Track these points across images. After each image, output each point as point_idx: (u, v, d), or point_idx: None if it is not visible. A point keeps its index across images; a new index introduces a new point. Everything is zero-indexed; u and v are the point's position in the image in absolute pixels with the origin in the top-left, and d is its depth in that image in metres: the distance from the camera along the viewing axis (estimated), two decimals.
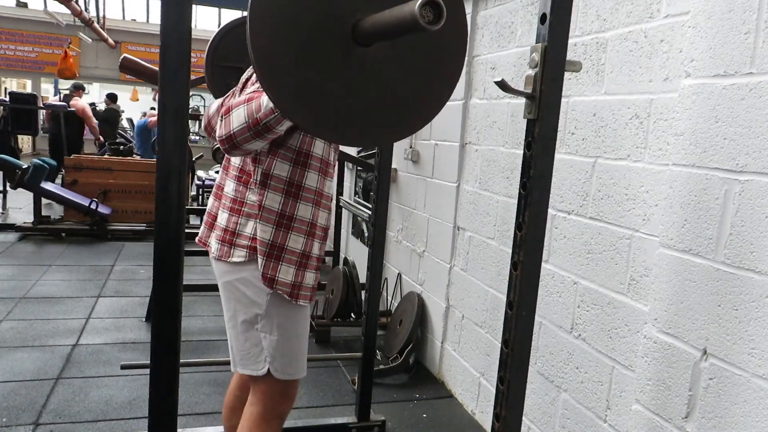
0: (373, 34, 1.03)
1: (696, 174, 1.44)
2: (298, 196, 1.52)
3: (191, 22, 1.21)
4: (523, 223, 1.23)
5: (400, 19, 0.91)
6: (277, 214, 1.50)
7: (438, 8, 0.86)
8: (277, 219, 1.50)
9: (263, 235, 1.49)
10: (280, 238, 1.50)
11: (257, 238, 1.49)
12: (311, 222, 1.55)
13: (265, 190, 1.49)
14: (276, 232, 1.49)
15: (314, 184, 1.55)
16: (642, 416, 1.60)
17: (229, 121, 1.36)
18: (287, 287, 1.51)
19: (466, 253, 2.83)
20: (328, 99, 1.08)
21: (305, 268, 1.55)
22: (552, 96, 1.19)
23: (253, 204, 1.52)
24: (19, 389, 2.68)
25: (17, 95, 8.80)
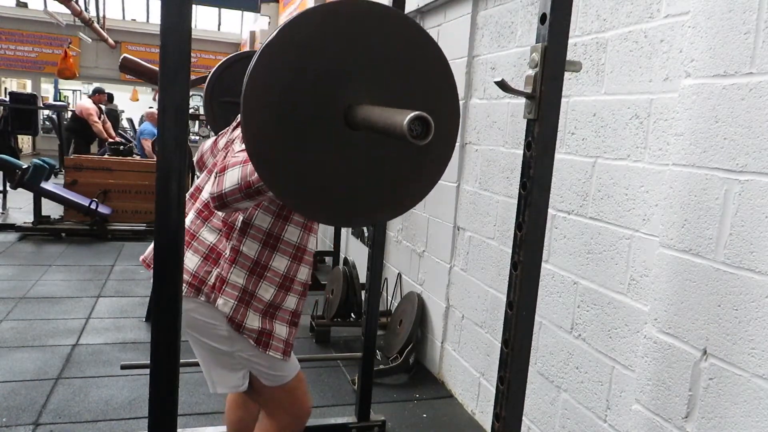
0: (363, 125, 1.03)
1: (696, 174, 1.44)
2: (276, 248, 1.51)
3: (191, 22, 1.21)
4: (523, 223, 1.23)
5: (389, 126, 0.92)
6: (253, 261, 1.48)
7: (426, 124, 0.86)
8: (251, 266, 1.48)
9: (236, 279, 1.47)
10: (252, 285, 1.48)
11: (230, 282, 1.46)
12: (285, 275, 1.52)
13: (244, 236, 1.48)
14: (248, 277, 1.48)
15: (295, 239, 1.52)
16: (642, 416, 1.60)
17: (222, 180, 1.36)
18: (254, 333, 1.48)
19: (466, 253, 2.83)
20: (318, 180, 1.10)
21: (273, 318, 1.52)
22: (552, 96, 1.19)
23: (203, 241, 1.50)
24: (19, 389, 2.68)
25: (17, 95, 8.82)
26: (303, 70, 1.04)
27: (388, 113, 0.94)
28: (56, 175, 8.10)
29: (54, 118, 10.45)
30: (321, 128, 1.07)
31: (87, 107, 8.89)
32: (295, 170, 1.08)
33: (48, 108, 10.73)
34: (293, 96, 1.04)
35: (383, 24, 1.09)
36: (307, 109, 1.05)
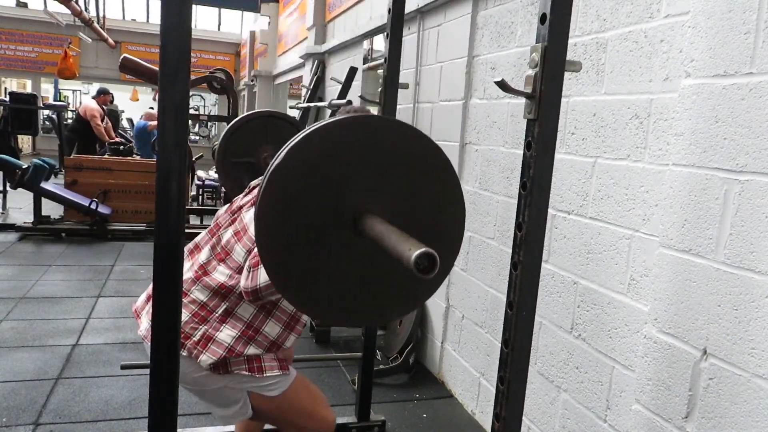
0: (371, 238, 1.07)
1: (696, 174, 1.44)
2: (271, 314, 1.54)
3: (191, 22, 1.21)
4: (523, 223, 1.23)
5: (397, 253, 0.94)
6: (245, 323, 1.51)
7: (432, 260, 0.88)
8: (243, 328, 1.51)
9: (224, 339, 1.49)
10: (239, 346, 1.50)
11: (216, 340, 1.49)
12: (274, 341, 1.56)
13: (241, 300, 1.51)
14: (237, 339, 1.50)
15: (291, 307, 1.55)
16: (642, 416, 1.60)
17: (256, 275, 1.40)
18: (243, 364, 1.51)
19: (466, 253, 2.83)
20: (326, 284, 1.15)
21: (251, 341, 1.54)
22: (552, 96, 1.19)
23: (194, 299, 1.53)
24: (19, 389, 2.68)
25: (17, 95, 8.81)
26: (314, 182, 1.09)
27: (396, 239, 0.97)
28: (56, 175, 8.09)
29: (54, 118, 10.44)
30: (330, 235, 1.12)
31: (91, 108, 8.88)
32: (304, 274, 1.13)
33: (48, 108, 10.73)
34: (305, 206, 1.10)
35: (391, 135, 1.15)
36: (317, 216, 1.11)
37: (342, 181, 1.10)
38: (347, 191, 1.10)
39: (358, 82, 4.58)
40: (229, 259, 1.55)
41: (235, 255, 1.53)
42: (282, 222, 1.09)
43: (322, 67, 6.06)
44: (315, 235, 1.10)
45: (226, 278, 1.52)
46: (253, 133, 2.45)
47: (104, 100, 9.28)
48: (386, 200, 1.12)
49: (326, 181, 1.09)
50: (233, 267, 1.53)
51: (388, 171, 1.14)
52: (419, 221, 1.16)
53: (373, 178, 1.13)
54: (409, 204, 1.16)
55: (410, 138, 1.16)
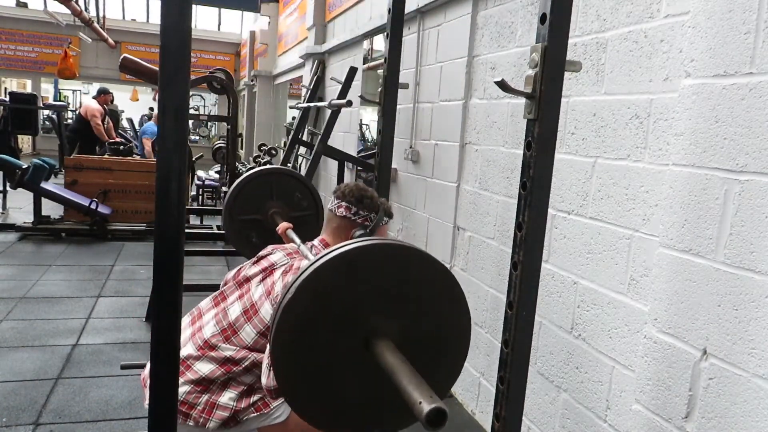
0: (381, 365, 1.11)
1: (696, 174, 1.44)
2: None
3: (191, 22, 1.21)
4: (523, 223, 1.23)
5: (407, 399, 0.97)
6: (248, 386, 1.58)
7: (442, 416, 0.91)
8: (246, 390, 1.58)
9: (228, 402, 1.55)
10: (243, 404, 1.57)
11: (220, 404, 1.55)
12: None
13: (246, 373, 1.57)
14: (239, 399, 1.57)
15: None
16: (642, 416, 1.60)
17: None
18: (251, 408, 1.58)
19: (466, 253, 2.82)
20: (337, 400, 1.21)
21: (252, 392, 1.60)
22: (552, 96, 1.19)
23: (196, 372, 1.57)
24: (19, 389, 2.68)
25: (17, 95, 8.82)
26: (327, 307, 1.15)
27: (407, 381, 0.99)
28: (56, 175, 8.10)
29: (54, 118, 10.45)
30: (342, 355, 1.17)
31: (92, 108, 8.89)
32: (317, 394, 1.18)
33: (48, 108, 10.73)
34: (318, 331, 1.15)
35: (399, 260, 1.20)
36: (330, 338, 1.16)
37: (353, 304, 1.16)
38: (358, 314, 1.16)
39: (358, 82, 4.59)
40: (236, 337, 1.59)
41: (244, 335, 1.58)
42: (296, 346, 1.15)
43: (322, 67, 6.06)
44: (327, 355, 1.16)
45: (233, 352, 1.57)
46: (255, 192, 2.52)
47: (105, 100, 9.28)
48: (397, 320, 1.18)
49: (338, 304, 1.15)
50: (241, 345, 1.58)
51: (397, 293, 1.19)
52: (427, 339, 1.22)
53: (383, 300, 1.18)
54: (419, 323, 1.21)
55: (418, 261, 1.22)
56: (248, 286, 1.67)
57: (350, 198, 1.74)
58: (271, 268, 1.69)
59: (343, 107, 4.09)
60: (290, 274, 1.59)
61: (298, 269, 1.60)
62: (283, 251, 1.76)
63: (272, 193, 2.54)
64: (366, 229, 1.73)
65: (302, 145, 5.40)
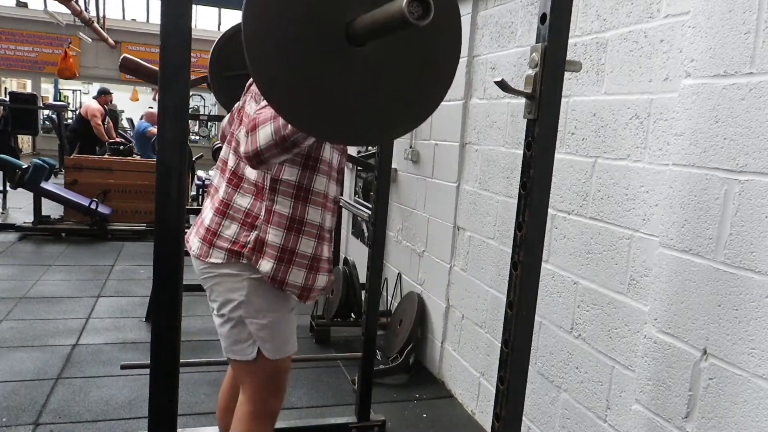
0: (365, 33, 1.03)
1: (696, 174, 1.44)
2: (308, 200, 1.55)
3: (191, 22, 1.21)
4: (523, 223, 1.23)
5: (389, 17, 0.91)
6: (288, 218, 1.52)
7: (425, 4, 0.85)
8: (288, 223, 1.52)
9: (274, 239, 1.51)
10: (291, 242, 1.52)
11: (269, 243, 1.51)
12: (320, 225, 1.58)
13: (275, 194, 1.51)
14: (287, 236, 1.52)
15: (322, 188, 1.57)
16: (642, 416, 1.60)
17: (255, 138, 1.37)
18: (297, 289, 1.54)
19: (466, 253, 2.83)
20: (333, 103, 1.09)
21: (317, 271, 1.58)
22: (552, 96, 1.19)
23: (239, 208, 1.54)
24: (19, 389, 2.68)
25: (17, 95, 8.82)
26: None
27: (385, 7, 0.93)
28: (56, 175, 8.10)
29: (54, 118, 10.45)
30: (325, 48, 1.05)
31: (93, 108, 8.89)
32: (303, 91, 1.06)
33: (48, 108, 10.73)
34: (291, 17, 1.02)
35: None
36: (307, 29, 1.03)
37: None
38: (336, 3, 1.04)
39: None
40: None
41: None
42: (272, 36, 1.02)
43: None
44: (308, 47, 1.04)
45: (255, 175, 1.53)
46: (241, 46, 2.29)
47: (105, 100, 9.29)
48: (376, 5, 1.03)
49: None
50: None
51: None
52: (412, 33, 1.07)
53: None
54: None
55: None
56: (243, 111, 1.63)
57: None
58: None
59: None
60: None
61: None
62: None
63: None
64: None
65: None
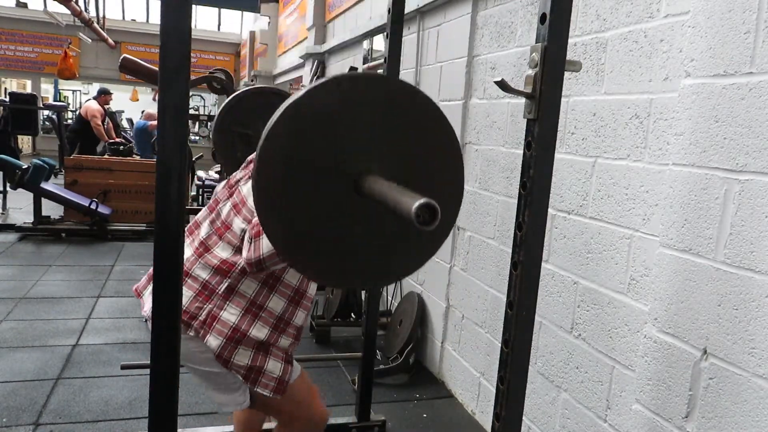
0: (371, 197, 1.06)
1: (696, 174, 1.44)
2: (275, 288, 1.50)
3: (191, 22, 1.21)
4: (523, 223, 1.23)
5: (397, 208, 0.94)
6: (249, 300, 1.48)
7: (433, 212, 0.87)
8: (247, 305, 1.48)
9: (228, 317, 1.46)
10: (245, 325, 1.47)
11: (221, 319, 1.46)
12: (280, 317, 1.52)
13: (243, 276, 1.47)
14: (242, 317, 1.47)
15: (295, 281, 1.52)
16: (642, 416, 1.60)
17: (259, 245, 1.38)
18: (243, 370, 1.48)
19: (466, 253, 2.83)
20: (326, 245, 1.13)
21: (268, 355, 1.51)
22: (552, 96, 1.19)
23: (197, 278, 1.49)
24: (19, 389, 2.68)
25: (17, 95, 8.82)
26: (311, 143, 1.07)
27: (396, 193, 0.95)
28: (56, 175, 8.10)
29: (54, 118, 10.45)
30: (331, 196, 1.10)
31: (92, 109, 8.89)
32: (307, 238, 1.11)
33: (48, 108, 10.74)
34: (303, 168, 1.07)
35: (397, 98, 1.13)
36: (317, 179, 1.08)
37: (339, 142, 1.08)
38: (345, 152, 1.08)
39: None
40: (229, 232, 1.52)
41: (235, 227, 1.51)
42: (281, 185, 1.06)
43: (322, 67, 6.06)
44: (315, 197, 1.08)
45: (228, 254, 1.50)
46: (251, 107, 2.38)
47: (105, 100, 9.28)
48: (385, 158, 1.10)
49: (323, 142, 1.07)
50: (233, 242, 1.50)
51: (384, 129, 1.12)
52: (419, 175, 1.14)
53: (371, 138, 1.10)
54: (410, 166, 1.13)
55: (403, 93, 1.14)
56: (237, 186, 1.61)
57: None
58: None
59: None
60: None
61: None
62: None
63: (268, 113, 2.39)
64: None
65: None
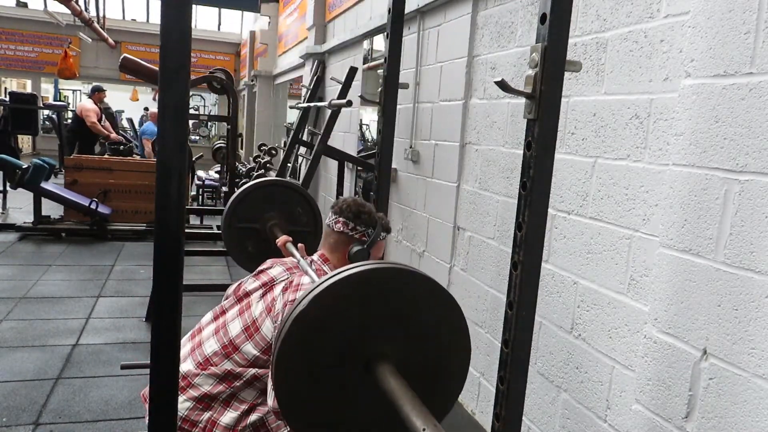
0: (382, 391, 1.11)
1: (696, 174, 1.44)
2: None
3: (191, 22, 1.21)
4: (523, 223, 1.23)
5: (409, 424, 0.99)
6: (249, 405, 1.55)
7: None
8: (247, 409, 1.54)
9: (229, 422, 1.53)
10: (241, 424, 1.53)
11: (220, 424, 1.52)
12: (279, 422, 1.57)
13: (247, 386, 1.54)
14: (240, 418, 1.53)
15: None
16: (642, 416, 1.60)
17: None
18: None
19: (466, 253, 2.82)
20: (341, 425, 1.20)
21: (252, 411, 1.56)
22: (552, 96, 1.19)
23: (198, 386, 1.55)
24: (19, 389, 2.68)
25: (17, 95, 8.82)
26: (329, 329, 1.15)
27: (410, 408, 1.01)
28: (56, 175, 8.10)
29: (54, 118, 10.46)
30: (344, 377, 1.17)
31: (87, 108, 8.89)
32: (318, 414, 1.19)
33: (48, 108, 10.74)
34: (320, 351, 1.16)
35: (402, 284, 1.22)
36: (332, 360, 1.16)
37: (356, 328, 1.16)
38: (361, 338, 1.16)
39: (358, 82, 4.58)
40: (237, 354, 1.58)
41: (245, 353, 1.57)
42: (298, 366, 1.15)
43: (322, 67, 6.06)
44: (329, 376, 1.17)
45: (233, 366, 1.56)
46: (256, 202, 2.51)
47: (99, 98, 9.26)
48: (398, 345, 1.18)
49: (341, 327, 1.15)
50: (242, 361, 1.57)
51: (400, 317, 1.19)
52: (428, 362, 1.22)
53: (386, 325, 1.18)
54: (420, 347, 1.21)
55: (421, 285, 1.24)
56: (248, 301, 1.66)
57: (348, 213, 1.74)
58: (271, 283, 1.69)
59: (343, 107, 4.09)
60: (290, 291, 1.58)
61: (298, 285, 1.59)
62: (282, 266, 1.76)
63: (273, 205, 2.54)
64: (363, 245, 1.73)
65: (302, 145, 5.41)
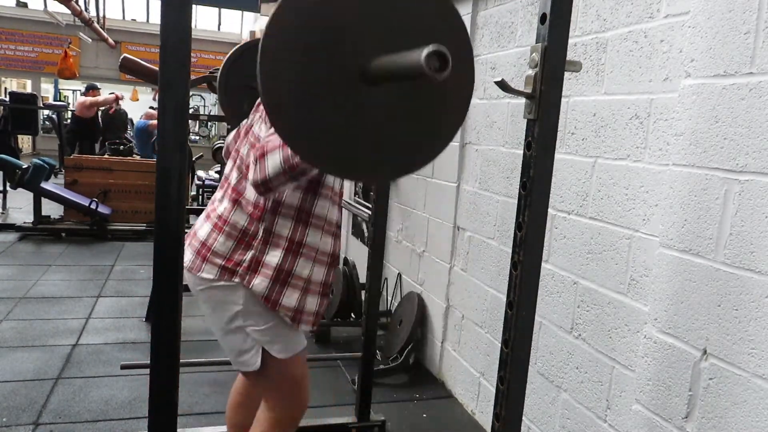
0: (379, 76, 1.04)
1: (696, 174, 1.44)
2: (309, 223, 1.54)
3: (191, 22, 1.21)
4: (523, 223, 1.23)
5: (406, 66, 0.92)
6: (287, 239, 1.52)
7: (443, 58, 0.86)
8: (287, 244, 1.52)
9: (271, 260, 1.50)
10: (288, 264, 1.52)
11: (265, 262, 1.50)
12: (320, 249, 1.57)
13: (276, 216, 1.51)
14: (284, 257, 1.51)
15: (324, 212, 1.57)
16: (642, 416, 1.60)
17: (264, 166, 1.38)
18: (290, 311, 1.53)
19: (466, 253, 2.83)
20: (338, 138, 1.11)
21: (312, 293, 1.57)
22: (552, 96, 1.19)
23: (236, 225, 1.53)
24: (19, 389, 2.68)
25: (17, 95, 8.81)
26: (316, 31, 1.04)
27: (403, 55, 0.94)
28: (56, 175, 8.10)
29: (54, 118, 10.45)
30: (337, 85, 1.07)
31: (79, 101, 8.89)
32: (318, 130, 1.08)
33: (48, 108, 10.74)
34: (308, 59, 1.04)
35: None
36: (323, 67, 1.05)
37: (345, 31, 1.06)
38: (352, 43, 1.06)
39: None
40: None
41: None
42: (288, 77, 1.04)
43: None
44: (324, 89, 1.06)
45: (257, 195, 1.52)
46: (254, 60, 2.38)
47: (94, 95, 9.26)
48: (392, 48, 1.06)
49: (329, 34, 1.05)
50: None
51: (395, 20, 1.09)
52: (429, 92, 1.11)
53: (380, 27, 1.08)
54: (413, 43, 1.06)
55: None
56: (253, 129, 1.64)
57: None
58: None
59: None
60: None
61: None
62: None
63: None
64: None
65: None
